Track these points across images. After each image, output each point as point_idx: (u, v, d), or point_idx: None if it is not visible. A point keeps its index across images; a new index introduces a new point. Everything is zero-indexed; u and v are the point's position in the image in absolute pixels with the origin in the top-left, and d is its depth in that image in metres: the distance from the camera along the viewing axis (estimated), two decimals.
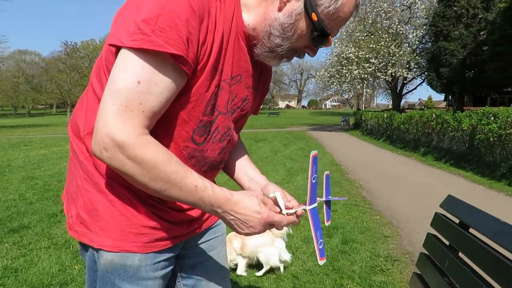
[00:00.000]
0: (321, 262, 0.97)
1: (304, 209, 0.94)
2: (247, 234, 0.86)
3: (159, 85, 0.73)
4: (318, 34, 0.84)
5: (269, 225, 0.86)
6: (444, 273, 1.11)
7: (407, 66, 24.36)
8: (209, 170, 0.95)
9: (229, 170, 1.11)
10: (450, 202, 1.23)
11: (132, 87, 0.71)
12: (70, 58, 32.52)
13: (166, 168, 0.74)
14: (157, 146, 0.75)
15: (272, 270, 2.81)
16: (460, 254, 1.09)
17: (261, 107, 1.19)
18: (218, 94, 0.86)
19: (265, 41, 0.85)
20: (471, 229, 1.07)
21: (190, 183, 0.77)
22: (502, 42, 17.21)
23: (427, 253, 1.30)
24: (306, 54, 0.91)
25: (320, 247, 0.97)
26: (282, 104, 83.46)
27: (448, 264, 1.08)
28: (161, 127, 0.82)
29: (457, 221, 1.16)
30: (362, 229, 3.89)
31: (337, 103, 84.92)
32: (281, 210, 0.90)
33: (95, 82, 0.87)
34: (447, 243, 1.18)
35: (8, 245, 3.31)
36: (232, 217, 0.82)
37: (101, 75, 0.86)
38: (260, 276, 2.75)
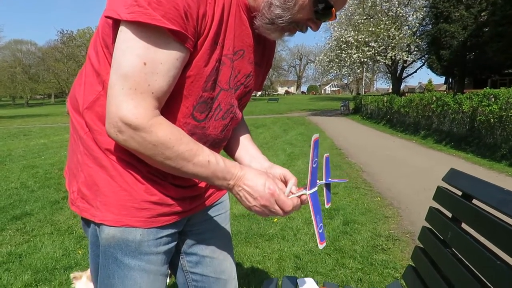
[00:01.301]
0: (321, 246, 0.97)
1: (305, 194, 0.94)
2: (253, 208, 0.85)
3: (164, 64, 0.72)
4: (322, 7, 0.81)
5: (274, 205, 0.84)
6: (447, 245, 1.11)
7: (407, 49, 24.11)
8: (211, 147, 0.93)
9: (230, 149, 1.10)
10: (453, 175, 1.22)
11: (139, 69, 0.71)
12: (66, 47, 32.21)
13: (179, 148, 0.76)
14: (170, 127, 0.76)
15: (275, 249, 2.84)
16: (463, 225, 1.09)
17: (260, 93, 1.17)
18: (219, 70, 0.84)
19: (265, 11, 0.83)
20: (474, 200, 1.06)
21: (203, 159, 0.79)
22: (504, 23, 16.99)
23: (430, 226, 1.30)
24: (308, 28, 0.89)
25: (320, 231, 0.97)
26: (281, 90, 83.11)
27: (451, 235, 1.08)
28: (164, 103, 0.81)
29: (459, 193, 1.15)
30: (363, 211, 3.91)
31: (336, 88, 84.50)
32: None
33: (93, 55, 0.86)
34: (450, 215, 1.18)
35: (12, 232, 3.34)
36: (240, 188, 0.84)
37: (98, 47, 0.84)
38: (263, 256, 2.77)
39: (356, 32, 23.28)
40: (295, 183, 0.95)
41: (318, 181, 1.02)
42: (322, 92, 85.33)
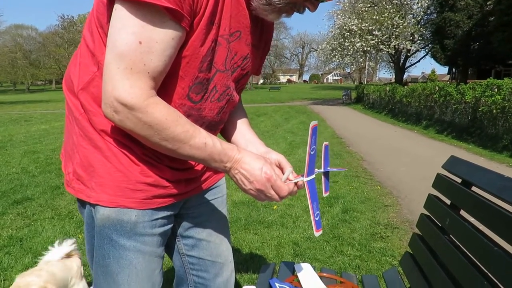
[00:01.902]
0: (317, 234, 0.97)
1: (302, 180, 0.93)
2: (249, 191, 0.85)
3: (160, 44, 0.71)
4: None
5: (270, 189, 0.84)
6: (445, 232, 1.11)
7: (411, 38, 23.86)
8: (207, 129, 0.92)
9: (227, 132, 1.09)
10: (453, 163, 1.22)
11: (134, 49, 0.70)
12: (67, 32, 31.96)
13: (176, 129, 0.75)
14: (166, 107, 0.75)
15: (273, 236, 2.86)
16: (462, 213, 1.08)
17: (262, 82, 1.15)
18: (215, 50, 0.82)
19: None
20: (473, 187, 1.06)
21: (199, 141, 0.78)
22: (509, 12, 16.73)
23: (428, 214, 1.30)
24: (307, 9, 0.87)
25: (317, 218, 0.97)
26: (283, 79, 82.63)
27: (449, 222, 1.08)
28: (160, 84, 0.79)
29: (459, 181, 1.15)
30: (363, 199, 3.92)
31: (339, 77, 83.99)
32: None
33: (88, 35, 0.84)
34: (449, 202, 1.17)
35: (13, 216, 3.36)
36: (237, 171, 0.83)
37: (93, 27, 0.83)
38: (262, 243, 2.79)
39: (360, 20, 23.00)
40: (291, 169, 0.95)
41: (316, 169, 1.01)
42: (324, 81, 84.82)
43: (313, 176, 0.96)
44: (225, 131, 1.09)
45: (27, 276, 1.47)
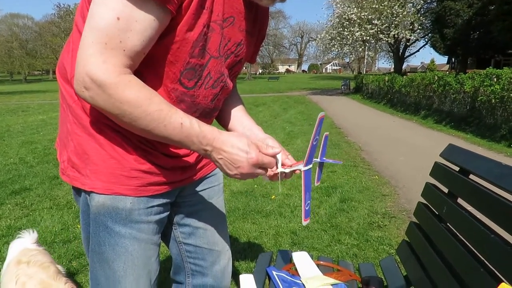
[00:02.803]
0: (304, 223, 0.97)
1: (299, 169, 0.93)
2: (234, 176, 0.82)
3: (140, 23, 0.69)
4: None
5: (256, 170, 0.81)
6: (441, 219, 1.11)
7: (411, 27, 23.68)
8: (201, 117, 0.91)
9: (223, 120, 1.08)
10: (451, 151, 1.21)
11: (111, 24, 0.67)
12: (64, 22, 31.57)
13: (148, 107, 0.71)
14: (139, 85, 0.72)
15: (271, 225, 2.87)
16: (459, 201, 1.08)
17: (260, 72, 1.14)
18: (208, 36, 0.80)
19: None
20: (471, 175, 1.05)
21: (175, 121, 0.74)
22: (510, 1, 16.58)
23: (425, 202, 1.30)
24: None
25: (307, 208, 0.97)
26: (282, 69, 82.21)
27: (446, 210, 1.08)
28: (147, 68, 0.78)
29: (457, 169, 1.14)
30: (361, 188, 3.93)
31: (338, 67, 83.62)
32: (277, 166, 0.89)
33: (79, 21, 0.83)
34: (446, 190, 1.17)
35: (11, 206, 3.36)
36: (221, 156, 0.79)
37: (84, 13, 0.81)
38: (260, 232, 2.80)
39: (359, 9, 22.78)
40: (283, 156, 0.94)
41: (314, 159, 1.01)
42: (323, 71, 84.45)
43: (310, 166, 0.96)
44: (222, 119, 1.08)
45: None
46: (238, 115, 1.07)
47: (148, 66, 0.78)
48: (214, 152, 0.79)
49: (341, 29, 24.41)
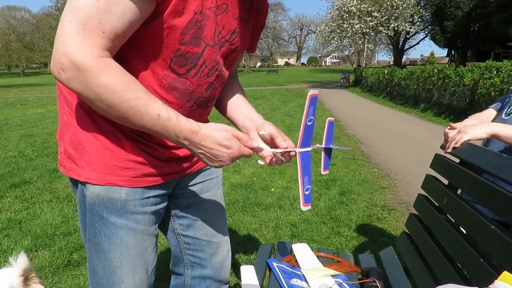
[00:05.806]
0: (304, 208, 0.94)
1: (294, 151, 0.90)
2: (216, 167, 0.83)
3: (120, 5, 0.67)
4: None
5: (237, 158, 0.82)
6: (441, 211, 1.12)
7: (411, 19, 23.55)
8: (196, 106, 0.90)
9: (223, 108, 1.07)
10: None
11: (90, 4, 0.66)
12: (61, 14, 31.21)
13: (125, 94, 0.69)
14: (118, 70, 0.70)
15: (271, 218, 2.88)
16: (459, 192, 1.08)
17: (259, 65, 1.12)
18: (203, 24, 0.78)
19: None
20: (471, 166, 1.05)
21: (152, 111, 0.72)
22: None
23: (425, 194, 1.30)
24: None
25: (307, 193, 0.93)
26: (281, 62, 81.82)
27: (446, 201, 1.08)
28: (135, 55, 0.77)
29: (457, 160, 1.14)
30: (360, 181, 3.94)
31: (337, 60, 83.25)
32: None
33: None
34: (446, 182, 1.17)
35: (11, 199, 3.36)
36: (201, 151, 0.79)
37: None
38: (260, 224, 2.81)
39: (359, 1, 22.64)
40: (278, 135, 0.94)
41: (318, 144, 0.99)
42: (323, 64, 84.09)
43: (309, 148, 0.94)
44: (222, 107, 1.07)
45: None
46: (238, 103, 1.06)
47: (137, 52, 0.77)
48: (193, 146, 0.78)
49: (340, 21, 24.30)
